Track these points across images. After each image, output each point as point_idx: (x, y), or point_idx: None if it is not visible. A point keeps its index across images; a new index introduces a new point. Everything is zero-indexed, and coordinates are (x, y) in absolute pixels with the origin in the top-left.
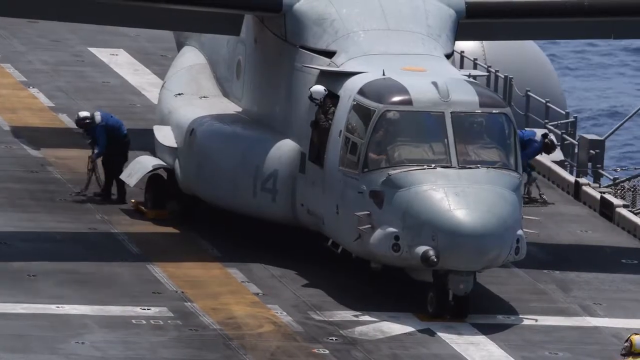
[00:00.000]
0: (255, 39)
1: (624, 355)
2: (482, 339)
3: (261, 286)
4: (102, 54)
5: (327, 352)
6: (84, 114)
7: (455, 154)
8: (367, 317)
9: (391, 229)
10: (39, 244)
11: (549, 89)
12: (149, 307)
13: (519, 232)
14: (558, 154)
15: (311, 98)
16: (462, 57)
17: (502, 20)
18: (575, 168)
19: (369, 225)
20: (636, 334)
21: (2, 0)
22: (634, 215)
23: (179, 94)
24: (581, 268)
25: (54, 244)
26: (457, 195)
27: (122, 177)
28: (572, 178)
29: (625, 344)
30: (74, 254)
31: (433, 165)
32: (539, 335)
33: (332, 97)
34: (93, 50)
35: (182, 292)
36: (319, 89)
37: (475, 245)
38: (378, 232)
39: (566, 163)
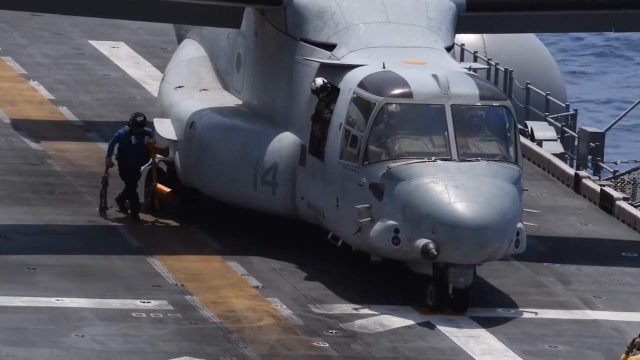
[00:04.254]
0: (256, 32)
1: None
2: (482, 332)
3: (261, 279)
4: (103, 46)
5: (327, 345)
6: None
7: (455, 147)
8: (367, 311)
9: (391, 222)
10: (39, 237)
11: (549, 81)
12: (148, 300)
13: (519, 225)
14: (558, 147)
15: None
16: (462, 50)
17: (503, 13)
18: (575, 161)
19: (369, 218)
20: None
21: None
22: (634, 208)
23: (179, 87)
24: (581, 261)
25: (53, 237)
26: (457, 188)
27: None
28: (572, 171)
29: (637, 339)
30: (73, 247)
31: (433, 158)
32: (539, 329)
33: (332, 90)
34: (94, 43)
35: (182, 285)
36: (317, 80)
37: (475, 238)
38: (378, 225)
39: (566, 156)
